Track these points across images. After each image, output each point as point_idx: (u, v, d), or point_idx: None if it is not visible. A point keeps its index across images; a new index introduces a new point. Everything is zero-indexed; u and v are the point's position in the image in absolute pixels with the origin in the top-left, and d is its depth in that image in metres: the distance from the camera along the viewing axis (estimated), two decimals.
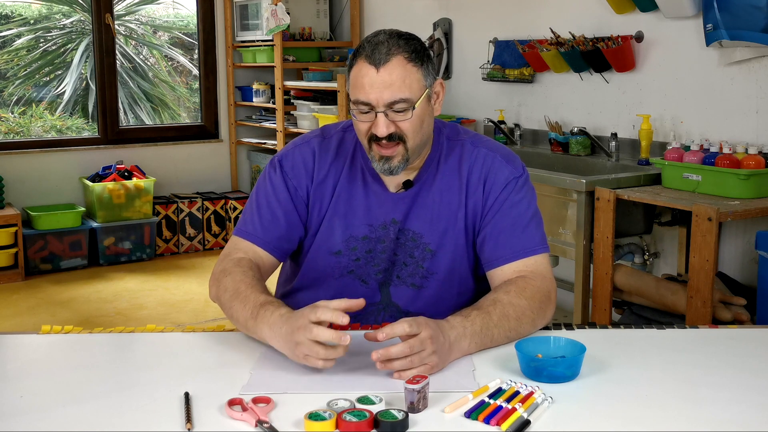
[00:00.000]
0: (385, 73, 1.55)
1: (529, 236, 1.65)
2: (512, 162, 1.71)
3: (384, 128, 1.56)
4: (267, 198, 1.72)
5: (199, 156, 5.70)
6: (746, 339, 1.59)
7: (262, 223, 1.70)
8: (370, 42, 1.58)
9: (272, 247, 1.70)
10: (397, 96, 1.55)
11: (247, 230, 1.71)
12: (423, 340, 1.35)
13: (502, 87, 4.16)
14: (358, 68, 1.58)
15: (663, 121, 3.34)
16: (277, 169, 1.73)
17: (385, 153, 1.59)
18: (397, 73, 1.55)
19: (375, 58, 1.55)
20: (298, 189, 1.71)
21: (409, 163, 1.62)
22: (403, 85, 1.55)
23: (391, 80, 1.54)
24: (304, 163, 1.72)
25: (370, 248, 1.70)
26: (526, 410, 1.23)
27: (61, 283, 4.74)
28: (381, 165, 1.61)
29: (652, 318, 2.78)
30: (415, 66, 1.58)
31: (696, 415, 1.24)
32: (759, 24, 2.81)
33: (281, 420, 1.22)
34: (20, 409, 1.27)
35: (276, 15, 4.97)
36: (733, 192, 2.71)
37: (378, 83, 1.55)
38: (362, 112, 1.58)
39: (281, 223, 1.70)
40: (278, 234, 1.70)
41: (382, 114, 1.56)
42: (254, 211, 1.72)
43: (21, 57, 6.42)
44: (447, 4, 4.48)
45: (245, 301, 1.52)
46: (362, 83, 1.56)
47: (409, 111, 1.57)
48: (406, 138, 1.59)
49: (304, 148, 1.74)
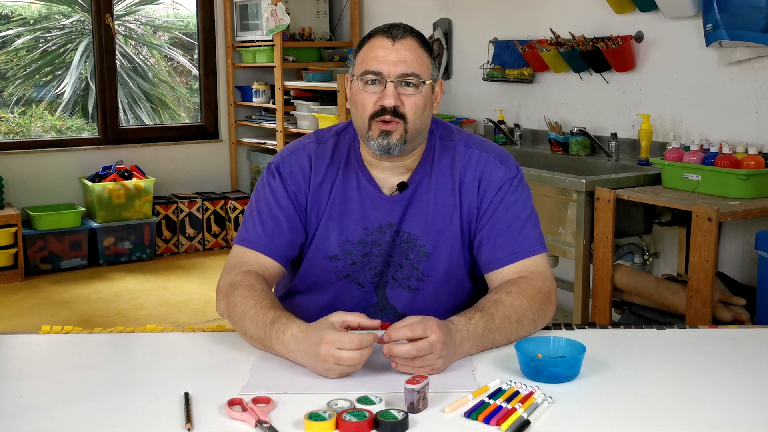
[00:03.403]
0: (401, 47, 1.59)
1: (527, 237, 1.65)
2: (506, 162, 1.70)
3: (392, 98, 1.58)
4: (268, 205, 1.69)
5: (198, 156, 5.70)
6: (746, 339, 1.59)
7: (265, 230, 1.68)
8: (385, 25, 1.64)
9: (277, 255, 1.68)
10: (409, 69, 1.58)
11: (250, 239, 1.68)
12: (433, 343, 1.35)
13: (502, 87, 4.16)
14: (372, 43, 1.61)
15: (663, 121, 3.34)
16: (275, 175, 1.71)
17: (386, 127, 1.59)
18: (413, 50, 1.60)
19: (392, 33, 1.61)
20: (297, 195, 1.70)
21: (406, 145, 1.61)
22: (417, 61, 1.60)
23: (406, 54, 1.59)
24: (301, 169, 1.70)
25: (366, 252, 1.69)
26: (526, 410, 1.23)
27: (61, 283, 4.74)
28: (380, 141, 1.60)
29: (652, 318, 2.78)
30: (426, 53, 1.63)
31: (696, 415, 1.24)
32: (759, 24, 2.81)
33: (281, 420, 1.22)
34: (20, 409, 1.27)
35: (276, 15, 4.97)
36: (733, 192, 2.71)
37: (393, 55, 1.59)
38: (370, 83, 1.60)
39: (284, 230, 1.68)
40: (282, 241, 1.68)
41: (391, 84, 1.58)
42: (256, 218, 1.69)
43: (21, 57, 6.42)
44: (447, 4, 4.48)
45: (255, 319, 1.50)
46: (376, 54, 1.59)
47: (419, 87, 1.59)
48: (407, 117, 1.59)
49: (300, 153, 1.72)
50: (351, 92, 1.65)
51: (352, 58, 1.67)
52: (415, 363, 1.35)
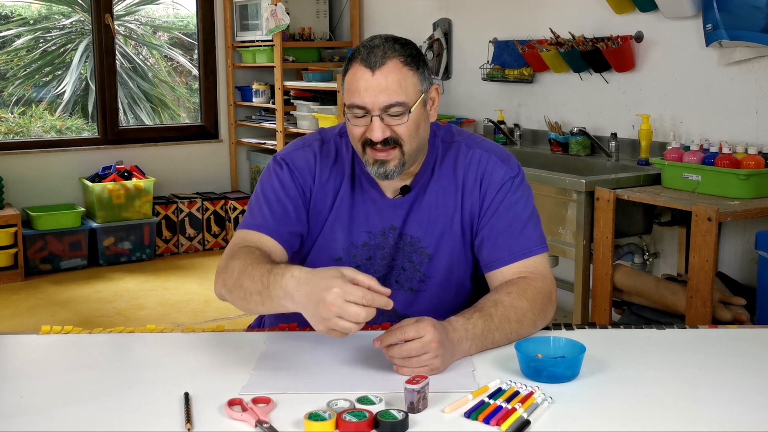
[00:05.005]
0: (380, 77, 1.53)
1: (528, 237, 1.65)
2: (507, 162, 1.70)
3: (380, 132, 1.54)
4: (276, 193, 1.67)
5: (198, 156, 5.70)
6: (746, 339, 1.59)
7: (273, 215, 1.65)
8: (366, 46, 1.57)
9: (283, 240, 1.64)
10: (393, 99, 1.53)
11: (257, 222, 1.65)
12: (426, 343, 1.35)
13: (501, 87, 4.16)
14: (353, 72, 1.56)
15: (663, 121, 3.34)
16: (283, 166, 1.69)
17: (380, 156, 1.57)
18: (393, 76, 1.53)
19: (370, 62, 1.54)
20: (303, 188, 1.69)
21: (405, 167, 1.61)
22: (399, 88, 1.54)
23: (387, 84, 1.53)
24: (307, 165, 1.70)
25: (370, 255, 1.69)
26: (525, 410, 1.23)
27: (61, 283, 4.74)
28: (376, 169, 1.59)
29: (652, 318, 2.78)
30: (411, 70, 1.56)
31: (696, 415, 1.24)
32: (759, 24, 2.81)
33: (281, 420, 1.22)
34: (20, 409, 1.27)
35: (276, 15, 4.97)
36: (733, 192, 2.71)
37: (373, 87, 1.53)
38: (357, 116, 1.56)
39: (292, 217, 1.66)
40: (288, 228, 1.65)
41: (377, 118, 1.54)
42: (263, 204, 1.67)
43: (21, 57, 6.42)
44: (447, 4, 4.48)
45: (252, 274, 1.44)
46: (357, 87, 1.54)
47: (405, 115, 1.55)
48: (402, 142, 1.57)
49: (306, 150, 1.72)
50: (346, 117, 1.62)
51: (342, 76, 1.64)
52: (412, 363, 1.36)
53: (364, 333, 1.58)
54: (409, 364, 1.36)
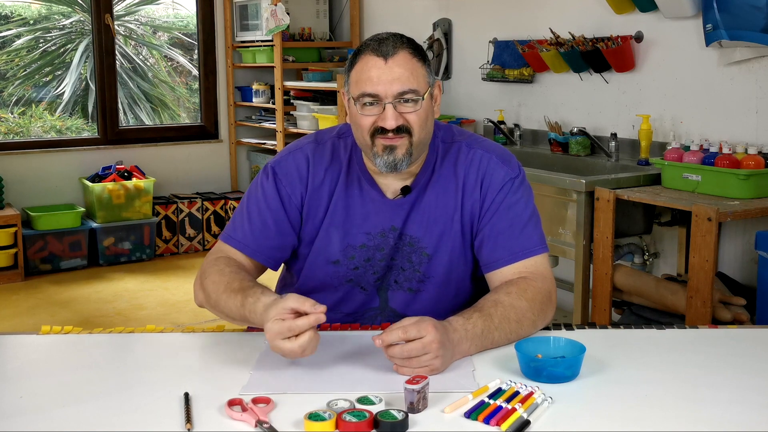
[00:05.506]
0: (393, 65, 1.55)
1: (528, 237, 1.65)
2: (508, 162, 1.70)
3: (393, 120, 1.55)
4: (258, 205, 1.69)
5: (198, 156, 5.70)
6: (746, 339, 1.59)
7: (252, 231, 1.68)
8: (375, 39, 1.60)
9: (262, 256, 1.69)
10: (406, 87, 1.55)
11: (236, 237, 1.70)
12: (427, 344, 1.35)
13: (501, 87, 4.16)
14: (363, 62, 1.57)
15: (663, 121, 3.34)
16: (269, 176, 1.70)
17: (390, 142, 1.57)
18: (406, 64, 1.56)
19: (382, 51, 1.56)
20: (291, 196, 1.69)
21: (412, 158, 1.60)
22: (412, 76, 1.56)
23: (400, 72, 1.55)
24: (297, 170, 1.69)
25: (369, 257, 1.69)
26: (525, 410, 1.23)
27: (61, 283, 4.74)
28: (385, 158, 1.58)
29: (652, 318, 2.78)
30: (419, 62, 1.59)
31: (696, 415, 1.24)
32: (759, 24, 2.81)
33: (281, 420, 1.22)
34: (20, 409, 1.27)
35: (276, 15, 4.97)
36: (733, 192, 2.71)
37: (387, 74, 1.55)
38: (368, 105, 1.57)
39: (271, 232, 1.68)
40: (268, 243, 1.68)
41: (390, 105, 1.55)
42: (244, 218, 1.70)
43: (21, 57, 6.42)
44: (447, 4, 4.48)
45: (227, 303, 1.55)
46: (369, 76, 1.56)
47: (417, 102, 1.57)
48: (412, 130, 1.57)
49: (297, 154, 1.71)
50: (350, 111, 1.63)
51: (345, 74, 1.65)
52: (413, 364, 1.36)
53: (364, 333, 1.59)
54: (409, 364, 1.36)
